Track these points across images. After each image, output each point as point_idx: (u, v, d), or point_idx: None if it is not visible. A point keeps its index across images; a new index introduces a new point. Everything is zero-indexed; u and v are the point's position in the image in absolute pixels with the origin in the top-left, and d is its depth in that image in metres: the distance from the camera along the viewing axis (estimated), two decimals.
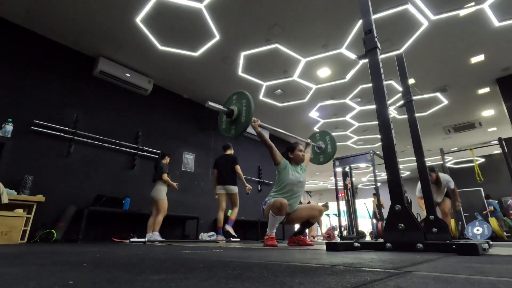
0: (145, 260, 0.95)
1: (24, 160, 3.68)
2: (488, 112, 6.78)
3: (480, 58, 4.77)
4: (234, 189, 4.44)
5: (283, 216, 2.52)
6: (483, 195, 9.81)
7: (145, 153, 4.95)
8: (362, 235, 5.78)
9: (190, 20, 3.91)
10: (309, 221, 2.78)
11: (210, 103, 2.37)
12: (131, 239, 3.52)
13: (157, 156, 4.30)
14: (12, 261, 0.87)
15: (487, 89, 5.76)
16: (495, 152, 9.66)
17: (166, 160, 4.28)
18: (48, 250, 1.70)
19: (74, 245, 2.68)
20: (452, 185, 4.51)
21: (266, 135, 2.83)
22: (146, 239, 3.60)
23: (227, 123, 2.51)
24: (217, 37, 4.24)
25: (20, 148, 3.66)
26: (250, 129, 7.45)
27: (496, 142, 5.75)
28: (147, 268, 0.70)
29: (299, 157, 2.79)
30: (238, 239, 4.30)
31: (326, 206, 7.88)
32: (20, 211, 3.17)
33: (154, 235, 3.86)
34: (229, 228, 4.18)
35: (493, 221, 4.95)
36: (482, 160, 10.23)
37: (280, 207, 2.45)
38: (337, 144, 3.43)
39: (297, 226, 2.97)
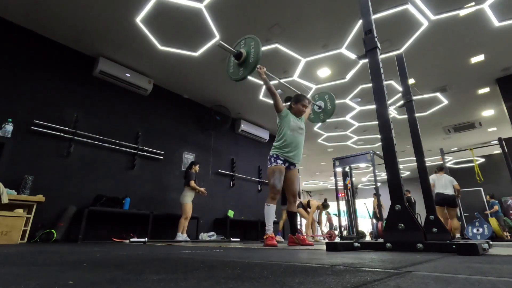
0: (145, 260, 0.95)
1: (24, 160, 3.68)
2: (488, 112, 6.78)
3: (480, 58, 4.77)
4: None
5: (275, 205, 2.76)
6: (483, 195, 9.82)
7: (145, 153, 4.95)
8: (362, 235, 5.77)
9: (190, 20, 3.91)
10: (289, 211, 2.92)
11: (221, 42, 2.46)
12: (131, 239, 3.52)
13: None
14: (12, 261, 0.87)
15: (487, 89, 5.76)
16: (495, 152, 9.66)
17: (195, 168, 4.75)
18: (48, 250, 1.70)
19: (74, 245, 2.68)
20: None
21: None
22: (176, 238, 4.20)
23: (235, 66, 2.59)
24: (217, 37, 4.24)
25: (20, 148, 3.66)
26: (249, 128, 7.37)
27: (496, 142, 5.76)
28: (147, 268, 0.70)
29: (299, 110, 2.99)
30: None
31: (325, 206, 7.23)
32: (20, 211, 3.17)
33: (182, 236, 4.36)
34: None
35: (493, 221, 4.95)
36: (482, 160, 10.24)
37: (274, 196, 2.72)
38: (337, 144, 3.45)
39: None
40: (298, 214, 3.08)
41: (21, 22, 3.95)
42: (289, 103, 3.10)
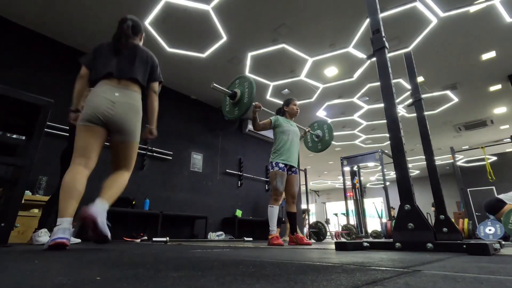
0: (161, 258, 0.99)
1: (38, 161, 3.77)
2: (500, 110, 6.65)
3: (491, 54, 4.68)
4: None
5: (278, 206, 2.89)
6: (496, 194, 9.61)
7: (154, 154, 5.03)
8: (378, 235, 5.72)
9: (197, 22, 3.95)
10: (288, 211, 3.02)
11: (215, 85, 2.53)
12: (153, 238, 3.54)
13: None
14: (36, 258, 0.91)
15: (498, 86, 5.65)
16: (507, 150, 9.46)
17: None
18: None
19: (88, 243, 2.75)
20: None
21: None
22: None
23: (231, 105, 2.70)
24: (224, 38, 4.28)
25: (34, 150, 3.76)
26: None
27: (509, 140, 5.65)
28: (165, 266, 0.73)
29: (293, 110, 3.19)
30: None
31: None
32: (35, 211, 3.27)
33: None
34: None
35: None
36: (494, 158, 10.04)
37: (277, 199, 2.85)
38: (345, 143, 3.48)
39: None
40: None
41: (33, 27, 4.06)
42: (281, 109, 3.28)
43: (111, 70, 1.73)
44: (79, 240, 2.79)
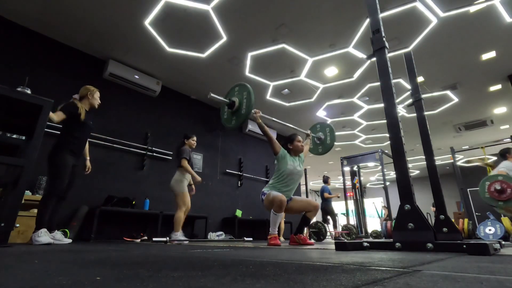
0: (161, 258, 0.99)
1: (38, 161, 3.77)
2: (500, 110, 6.65)
3: (491, 54, 4.68)
4: None
5: (282, 213, 2.73)
6: None
7: (154, 154, 5.02)
8: (378, 235, 5.72)
9: (197, 22, 3.95)
10: (306, 217, 2.88)
11: (212, 95, 2.51)
12: (153, 238, 3.53)
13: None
14: (37, 259, 0.91)
15: (498, 86, 5.65)
16: None
17: (189, 142, 3.85)
18: (64, 248, 1.76)
19: (87, 244, 2.75)
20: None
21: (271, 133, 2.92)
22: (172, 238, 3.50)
23: (228, 114, 2.66)
24: (224, 38, 4.27)
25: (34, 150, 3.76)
26: (256, 128, 7.40)
27: (509, 140, 5.65)
28: (164, 266, 0.73)
29: (298, 148, 2.98)
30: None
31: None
32: (35, 211, 3.27)
33: (179, 235, 3.65)
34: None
35: (506, 220, 4.85)
36: (494, 158, 10.02)
37: (280, 205, 2.65)
38: (345, 143, 3.47)
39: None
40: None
41: (33, 26, 4.06)
42: (285, 146, 3.06)
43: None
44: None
